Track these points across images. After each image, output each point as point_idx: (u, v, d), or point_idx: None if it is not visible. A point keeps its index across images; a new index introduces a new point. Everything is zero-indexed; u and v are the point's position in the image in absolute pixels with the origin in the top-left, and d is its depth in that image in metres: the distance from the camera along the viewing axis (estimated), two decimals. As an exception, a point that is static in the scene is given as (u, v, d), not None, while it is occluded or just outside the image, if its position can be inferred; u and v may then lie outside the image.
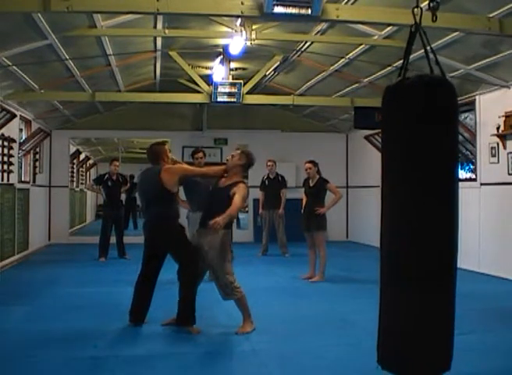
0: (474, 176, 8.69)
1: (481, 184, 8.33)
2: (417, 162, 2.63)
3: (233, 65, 9.94)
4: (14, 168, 9.36)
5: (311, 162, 7.66)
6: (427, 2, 3.12)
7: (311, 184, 7.61)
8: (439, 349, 2.66)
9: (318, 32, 7.72)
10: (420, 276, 2.61)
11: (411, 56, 2.96)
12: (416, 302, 2.62)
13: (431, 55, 2.83)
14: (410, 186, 2.64)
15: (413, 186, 2.64)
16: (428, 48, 2.79)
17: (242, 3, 5.10)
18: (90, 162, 19.22)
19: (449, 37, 6.59)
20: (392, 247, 2.71)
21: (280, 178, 10.31)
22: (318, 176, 7.59)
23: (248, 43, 7.66)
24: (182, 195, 7.72)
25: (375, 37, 7.37)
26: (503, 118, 7.71)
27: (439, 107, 2.64)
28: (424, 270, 2.61)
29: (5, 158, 8.95)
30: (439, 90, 2.66)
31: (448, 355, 2.70)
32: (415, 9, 2.82)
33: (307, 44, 8.37)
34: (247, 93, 9.54)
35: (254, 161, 5.16)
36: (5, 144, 8.95)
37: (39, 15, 5.90)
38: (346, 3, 6.31)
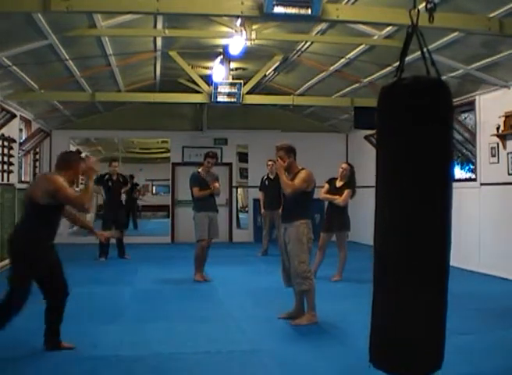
0: (474, 176, 8.68)
1: (481, 184, 8.32)
2: (412, 162, 2.64)
3: (233, 65, 9.94)
4: (14, 168, 9.36)
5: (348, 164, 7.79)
6: (425, 3, 3.12)
7: (338, 185, 7.57)
8: (430, 347, 2.68)
9: (318, 32, 7.72)
10: (410, 274, 2.63)
11: (410, 57, 2.96)
12: (406, 301, 2.64)
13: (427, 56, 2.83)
14: (403, 186, 2.67)
15: (410, 187, 2.66)
16: (425, 49, 2.79)
17: (242, 3, 5.11)
18: (91, 162, 19.18)
19: (449, 37, 6.59)
20: (383, 246, 2.74)
21: (280, 178, 10.28)
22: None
23: (248, 43, 7.67)
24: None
25: (375, 37, 7.37)
26: (503, 118, 7.70)
27: (435, 108, 2.66)
28: (415, 269, 2.63)
29: (5, 158, 8.95)
30: (434, 91, 2.67)
31: (439, 354, 2.71)
32: (412, 11, 2.82)
33: (307, 44, 8.37)
34: (247, 93, 9.54)
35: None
36: (5, 144, 8.96)
37: (39, 15, 5.90)
38: (346, 3, 6.31)
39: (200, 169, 7.66)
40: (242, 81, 9.40)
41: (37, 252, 4.03)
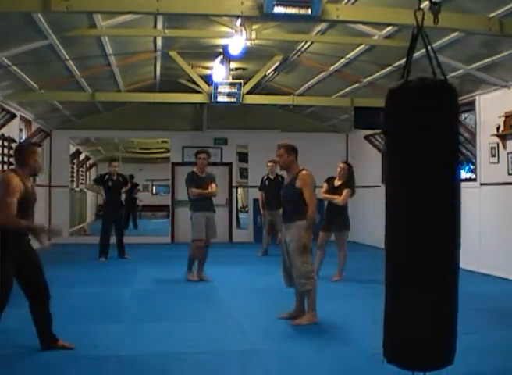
0: (474, 176, 8.69)
1: (481, 184, 8.32)
2: (417, 163, 2.66)
3: (233, 65, 9.94)
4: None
5: (346, 163, 7.78)
6: (427, 3, 3.12)
7: (336, 184, 7.56)
8: (440, 347, 2.70)
9: (318, 32, 7.72)
10: (417, 275, 2.65)
11: (415, 55, 2.96)
12: (413, 301, 2.66)
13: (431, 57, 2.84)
14: (412, 188, 2.68)
15: (415, 188, 2.67)
16: (430, 49, 2.79)
17: (242, 3, 5.12)
18: (90, 162, 19.22)
19: (449, 37, 6.59)
20: (392, 247, 2.75)
21: (280, 179, 10.28)
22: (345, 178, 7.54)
23: (248, 43, 7.66)
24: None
25: (375, 37, 7.37)
26: (503, 118, 7.70)
27: (441, 110, 2.67)
28: (421, 270, 2.64)
29: (5, 159, 8.95)
30: (440, 92, 2.68)
31: (450, 350, 2.73)
32: (417, 12, 2.81)
33: (307, 44, 8.37)
34: (247, 93, 9.54)
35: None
36: (5, 144, 8.96)
37: (39, 15, 5.90)
38: (346, 3, 6.31)
39: (195, 169, 7.59)
40: (242, 81, 9.40)
41: (7, 250, 3.97)
